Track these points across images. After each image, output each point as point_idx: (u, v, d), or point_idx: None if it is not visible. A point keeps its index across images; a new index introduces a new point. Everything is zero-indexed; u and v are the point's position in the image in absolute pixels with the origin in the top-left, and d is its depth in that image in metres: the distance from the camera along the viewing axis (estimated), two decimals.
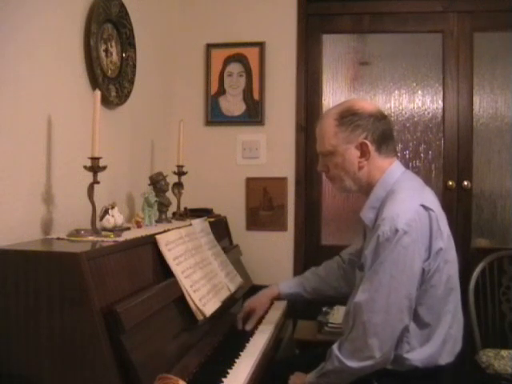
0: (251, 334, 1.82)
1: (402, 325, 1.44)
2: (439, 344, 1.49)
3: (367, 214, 1.57)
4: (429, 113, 2.76)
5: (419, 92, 2.77)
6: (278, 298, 1.98)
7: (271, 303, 2.04)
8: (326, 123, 1.61)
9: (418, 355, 1.47)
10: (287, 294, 1.96)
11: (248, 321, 1.87)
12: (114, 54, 2.02)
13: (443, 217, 1.54)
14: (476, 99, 2.71)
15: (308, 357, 1.81)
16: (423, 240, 1.43)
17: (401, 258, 1.41)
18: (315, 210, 2.81)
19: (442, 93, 2.73)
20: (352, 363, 1.44)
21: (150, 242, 1.56)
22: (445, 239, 1.49)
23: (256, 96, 2.75)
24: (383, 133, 1.57)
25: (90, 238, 1.48)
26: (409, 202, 1.47)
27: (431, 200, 1.53)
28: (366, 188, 1.60)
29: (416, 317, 1.47)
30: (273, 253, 2.74)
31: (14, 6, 1.43)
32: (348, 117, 1.56)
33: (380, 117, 1.58)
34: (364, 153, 1.56)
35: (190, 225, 1.93)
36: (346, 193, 1.74)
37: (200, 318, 1.58)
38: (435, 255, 1.45)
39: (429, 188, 1.62)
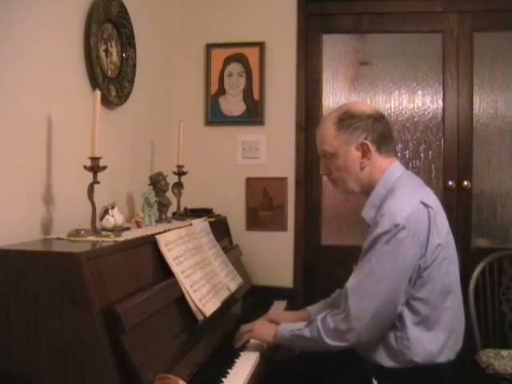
0: None
1: (385, 315, 1.47)
2: (441, 340, 1.50)
3: (368, 212, 1.60)
4: (429, 113, 2.76)
5: (419, 92, 2.76)
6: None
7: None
8: (325, 127, 1.64)
9: (418, 350, 1.48)
10: None
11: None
12: (114, 54, 2.02)
13: (442, 214, 1.57)
14: (476, 99, 2.71)
15: (308, 357, 1.81)
16: (420, 236, 1.46)
17: (395, 250, 1.45)
18: (315, 210, 2.81)
19: (441, 93, 2.73)
20: (329, 340, 1.51)
21: (150, 241, 1.56)
22: (443, 236, 1.51)
23: (256, 96, 2.75)
24: (382, 133, 1.61)
25: (90, 238, 1.47)
26: (408, 198, 1.51)
27: (431, 198, 1.56)
28: (368, 189, 1.62)
29: (413, 312, 1.49)
30: (273, 253, 2.73)
31: (13, 6, 1.43)
32: (347, 119, 1.60)
33: (378, 117, 1.62)
34: (365, 153, 1.59)
35: (190, 225, 1.93)
36: (349, 194, 1.74)
37: (200, 318, 1.58)
38: (433, 251, 1.47)
39: (428, 187, 1.63)
